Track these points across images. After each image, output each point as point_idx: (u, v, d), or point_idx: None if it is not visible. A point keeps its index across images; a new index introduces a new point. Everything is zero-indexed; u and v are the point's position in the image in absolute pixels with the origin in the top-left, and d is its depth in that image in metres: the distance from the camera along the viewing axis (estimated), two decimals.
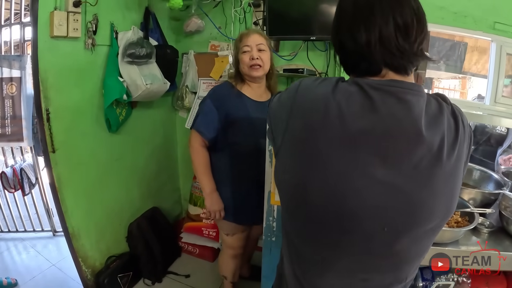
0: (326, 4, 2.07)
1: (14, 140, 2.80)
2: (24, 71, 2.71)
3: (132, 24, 2.28)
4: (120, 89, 2.11)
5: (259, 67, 1.77)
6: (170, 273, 2.59)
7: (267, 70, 1.83)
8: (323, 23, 2.10)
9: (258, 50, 1.78)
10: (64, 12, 1.86)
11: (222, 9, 2.53)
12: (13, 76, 2.73)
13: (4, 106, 2.74)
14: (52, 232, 3.29)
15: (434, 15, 2.06)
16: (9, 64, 2.71)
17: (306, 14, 2.14)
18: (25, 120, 2.76)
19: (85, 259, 2.27)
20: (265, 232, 1.48)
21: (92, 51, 2.07)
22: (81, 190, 2.18)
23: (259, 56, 1.77)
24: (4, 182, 2.95)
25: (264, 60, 1.78)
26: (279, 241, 1.45)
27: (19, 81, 2.73)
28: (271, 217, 1.43)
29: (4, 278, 2.50)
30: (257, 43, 1.78)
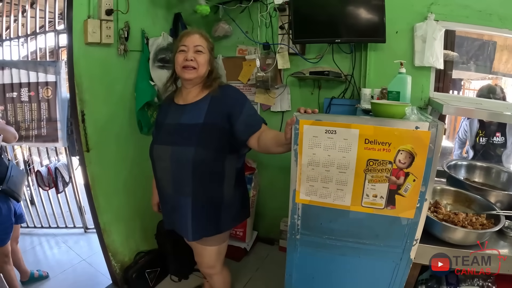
0: (352, 6, 2.08)
1: (49, 141, 2.95)
2: (59, 76, 2.84)
3: (162, 30, 2.35)
4: (152, 93, 2.19)
5: (192, 69, 1.64)
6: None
7: (201, 73, 1.67)
8: (349, 25, 2.11)
9: (195, 51, 1.65)
10: (97, 20, 1.95)
11: (248, 14, 2.58)
12: (48, 80, 2.87)
13: (40, 109, 2.90)
14: (83, 229, 3.41)
15: (458, 14, 2.05)
16: (44, 70, 2.85)
17: (331, 17, 2.15)
18: (60, 122, 2.90)
19: (115, 254, 2.35)
20: (290, 230, 1.50)
21: (125, 56, 2.15)
22: (113, 188, 2.26)
23: (194, 57, 1.64)
24: (39, 180, 3.10)
25: (199, 62, 1.65)
26: (304, 239, 1.49)
27: (54, 85, 2.87)
28: (295, 215, 1.45)
29: (36, 270, 2.62)
30: (195, 44, 1.66)
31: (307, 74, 2.37)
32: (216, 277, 1.92)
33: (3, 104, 2.91)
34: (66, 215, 3.45)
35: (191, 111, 1.67)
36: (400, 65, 1.70)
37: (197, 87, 1.72)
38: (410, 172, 1.24)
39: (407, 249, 1.37)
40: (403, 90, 1.65)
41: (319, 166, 1.32)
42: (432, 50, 2.05)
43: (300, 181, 1.37)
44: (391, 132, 1.22)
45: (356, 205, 1.34)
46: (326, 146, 1.29)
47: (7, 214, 2.17)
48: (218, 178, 1.69)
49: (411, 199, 1.28)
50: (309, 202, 1.39)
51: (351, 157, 1.28)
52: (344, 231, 1.42)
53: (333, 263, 1.52)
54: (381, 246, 1.40)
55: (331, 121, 1.27)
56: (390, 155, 1.24)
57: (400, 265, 1.42)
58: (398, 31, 2.17)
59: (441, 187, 1.80)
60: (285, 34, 2.48)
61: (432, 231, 1.46)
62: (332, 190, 1.34)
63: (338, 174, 1.31)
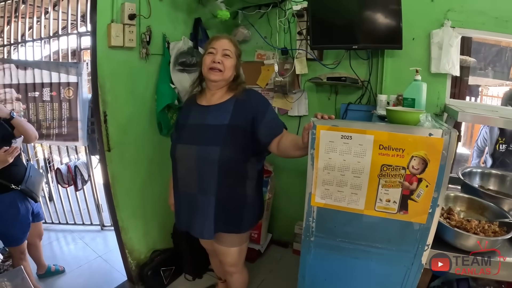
0: (369, 13, 2.11)
1: (70, 139, 3.08)
2: (81, 77, 2.96)
3: (183, 35, 2.43)
4: (172, 95, 2.27)
5: (218, 71, 1.69)
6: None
7: (227, 77, 1.73)
8: (366, 32, 2.14)
9: (223, 55, 1.71)
10: (120, 25, 2.03)
11: (267, 19, 2.64)
12: (70, 81, 2.99)
13: (61, 108, 3.02)
14: (100, 226, 3.52)
15: (475, 21, 2.06)
16: (66, 71, 2.97)
17: (348, 23, 2.18)
18: (80, 122, 3.01)
19: (132, 252, 2.43)
20: (304, 232, 1.55)
21: (146, 60, 2.23)
22: (132, 187, 2.34)
23: (221, 60, 1.69)
24: (58, 178, 3.22)
25: (226, 66, 1.70)
26: (318, 241, 1.53)
27: (76, 86, 2.98)
28: (310, 218, 1.49)
29: (53, 265, 2.72)
30: (224, 47, 1.72)
31: (324, 79, 2.41)
32: (236, 276, 1.98)
33: (25, 103, 3.04)
34: (83, 213, 3.56)
35: (215, 112, 1.72)
36: (415, 72, 1.73)
37: (222, 89, 1.77)
38: (423, 178, 1.28)
39: (419, 254, 1.40)
40: (418, 97, 1.68)
41: (334, 170, 1.37)
42: (448, 57, 2.07)
43: (316, 184, 1.42)
44: (405, 138, 1.26)
45: (370, 209, 1.38)
46: (342, 151, 1.34)
47: (25, 213, 2.25)
48: (241, 179, 1.75)
49: (424, 205, 1.31)
50: (324, 205, 1.44)
51: (366, 162, 1.32)
52: (357, 234, 1.45)
53: (345, 266, 1.55)
54: (393, 251, 1.43)
55: (347, 127, 1.32)
56: (403, 161, 1.28)
57: (411, 270, 1.44)
58: (414, 38, 2.19)
59: (454, 194, 1.82)
60: (303, 39, 2.52)
61: (444, 238, 1.48)
62: (347, 194, 1.39)
63: (352, 178, 1.36)
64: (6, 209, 2.14)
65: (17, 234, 2.24)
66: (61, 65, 3.03)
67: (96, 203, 3.44)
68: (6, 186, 2.11)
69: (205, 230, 1.75)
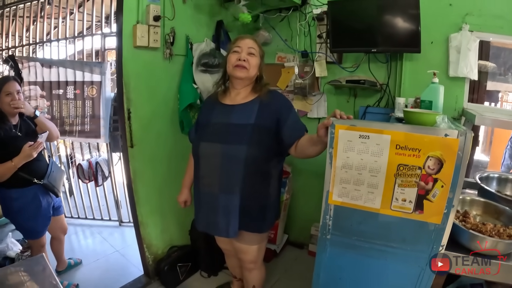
0: (388, 17, 2.15)
1: (92, 136, 3.19)
2: (104, 76, 3.06)
3: (205, 36, 2.52)
4: (195, 95, 2.35)
5: (243, 68, 1.73)
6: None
7: (252, 74, 1.77)
8: (385, 36, 2.19)
9: (248, 53, 1.75)
10: (145, 26, 2.12)
11: (288, 23, 2.70)
12: (94, 80, 3.10)
13: (84, 106, 3.14)
14: (118, 222, 3.62)
15: (493, 24, 2.08)
16: (90, 70, 3.09)
17: (368, 27, 2.22)
18: (103, 120, 3.12)
19: (150, 246, 2.51)
20: (321, 230, 1.59)
21: (170, 60, 2.32)
22: (152, 184, 2.43)
23: (247, 58, 1.74)
24: (79, 173, 3.33)
25: (251, 64, 1.74)
26: (335, 239, 1.58)
27: (99, 85, 3.10)
28: (327, 216, 1.54)
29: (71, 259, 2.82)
30: (249, 46, 1.76)
31: (343, 82, 2.46)
32: (255, 272, 2.04)
33: (50, 100, 3.16)
34: (102, 208, 3.67)
35: (240, 111, 1.77)
36: (433, 75, 1.77)
37: (246, 88, 1.82)
38: (438, 178, 1.31)
39: (433, 255, 1.42)
40: (436, 99, 1.72)
41: (352, 169, 1.42)
42: (466, 61, 2.09)
43: (334, 183, 1.47)
44: (421, 138, 1.30)
45: (386, 208, 1.42)
46: (359, 150, 1.39)
47: (46, 207, 2.31)
48: (265, 179, 1.80)
49: (439, 205, 1.34)
50: (341, 203, 1.49)
51: (383, 162, 1.37)
52: (373, 233, 1.49)
53: (360, 264, 1.59)
54: (407, 250, 1.46)
55: (365, 127, 1.37)
56: (419, 161, 1.32)
57: (425, 271, 1.46)
58: (433, 42, 2.22)
59: (471, 198, 1.84)
60: (323, 43, 2.57)
61: (459, 240, 1.50)
62: (364, 193, 1.43)
63: (369, 177, 1.40)
64: (28, 203, 2.21)
65: (38, 227, 2.30)
66: (86, 64, 3.15)
67: (115, 199, 3.54)
68: (28, 181, 2.17)
69: (230, 229, 1.79)
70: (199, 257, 2.66)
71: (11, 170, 2.06)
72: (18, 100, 2.11)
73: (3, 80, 2.14)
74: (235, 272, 2.32)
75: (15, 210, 2.19)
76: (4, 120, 2.10)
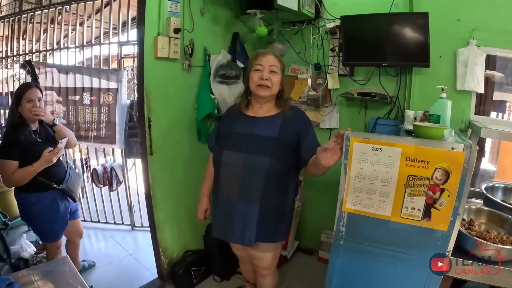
0: (398, 32, 2.27)
1: (107, 142, 3.34)
2: (121, 83, 3.21)
3: (221, 48, 2.66)
4: (213, 105, 2.49)
5: (266, 87, 1.80)
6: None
7: (274, 92, 1.85)
8: (395, 50, 2.30)
9: (270, 71, 1.80)
10: (166, 37, 2.26)
11: (301, 36, 2.84)
12: (110, 87, 3.25)
13: (100, 112, 3.28)
14: (131, 226, 3.75)
15: (499, 39, 2.18)
16: (107, 77, 3.24)
17: (379, 42, 2.34)
18: (118, 126, 3.27)
19: (165, 250, 2.63)
20: (335, 236, 1.72)
21: (189, 71, 2.46)
22: (169, 189, 2.55)
23: (269, 77, 1.79)
24: (94, 178, 3.47)
25: (273, 82, 1.80)
26: (347, 245, 1.71)
27: (115, 92, 3.24)
28: (341, 222, 1.67)
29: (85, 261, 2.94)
30: (270, 63, 1.81)
31: (355, 94, 2.59)
32: (269, 278, 2.14)
33: (66, 106, 3.31)
34: (115, 212, 3.79)
35: (264, 124, 1.86)
36: (441, 91, 1.89)
37: (269, 103, 1.90)
38: (445, 188, 1.44)
39: None
40: (443, 113, 1.84)
41: (365, 179, 1.56)
42: (473, 75, 2.20)
43: (348, 191, 1.61)
44: (429, 151, 1.44)
45: (396, 215, 1.55)
46: (372, 162, 1.53)
47: (64, 212, 2.38)
48: (284, 190, 1.88)
49: (446, 213, 1.47)
50: (354, 211, 1.62)
51: (394, 172, 1.50)
52: (384, 239, 1.62)
53: (371, 269, 1.71)
54: (416, 256, 1.58)
55: (378, 140, 1.51)
56: (428, 172, 1.45)
57: (433, 276, 1.58)
58: (441, 56, 2.33)
59: (476, 207, 1.96)
60: (335, 56, 2.70)
61: (465, 247, 1.62)
62: (375, 201, 1.57)
63: (381, 187, 1.54)
64: (46, 207, 2.28)
65: (55, 230, 2.38)
66: (102, 71, 3.29)
67: (128, 204, 3.67)
68: (47, 185, 2.25)
69: (245, 237, 1.86)
70: (213, 261, 2.77)
71: (31, 175, 2.14)
72: (39, 107, 2.21)
73: (25, 87, 2.23)
74: (248, 277, 2.42)
75: (34, 213, 2.27)
76: (25, 126, 2.19)
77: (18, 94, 2.19)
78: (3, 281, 1.35)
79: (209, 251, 2.80)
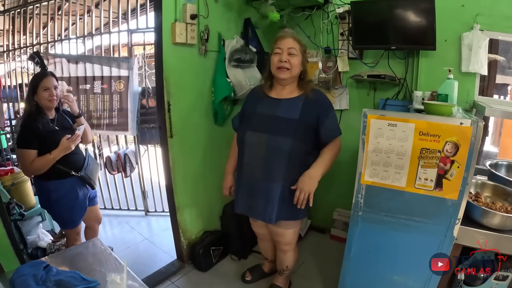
0: (406, 17, 2.38)
1: (120, 129, 3.47)
2: (132, 71, 3.31)
3: (234, 33, 2.78)
4: (229, 88, 2.61)
5: (286, 70, 1.89)
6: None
7: (294, 74, 1.93)
8: (403, 34, 2.42)
9: (289, 54, 1.89)
10: (183, 24, 2.36)
11: (311, 21, 2.95)
12: (121, 75, 3.35)
13: (112, 100, 3.40)
14: (144, 212, 3.90)
15: (502, 25, 2.30)
16: (118, 65, 3.34)
17: (387, 26, 2.45)
18: (131, 113, 3.38)
19: (185, 231, 2.78)
20: (353, 208, 1.90)
21: (205, 56, 2.58)
22: (188, 171, 2.68)
23: (288, 59, 1.88)
24: (107, 165, 3.59)
25: (292, 64, 1.89)
26: (365, 216, 1.90)
27: (127, 79, 3.35)
28: (359, 194, 1.85)
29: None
30: (289, 46, 1.89)
31: (365, 76, 2.72)
32: (289, 253, 2.29)
33: (76, 95, 3.39)
34: (129, 199, 3.93)
35: (286, 106, 1.95)
36: (448, 72, 2.02)
37: (291, 85, 1.99)
38: (455, 160, 1.62)
39: (451, 227, 1.72)
40: (451, 93, 1.98)
41: (381, 153, 1.73)
42: (477, 58, 2.33)
43: (365, 165, 1.79)
44: (440, 126, 1.61)
45: (410, 186, 1.73)
46: (388, 137, 1.71)
47: (83, 199, 2.42)
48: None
49: (456, 183, 1.65)
50: (372, 183, 1.81)
51: (408, 146, 1.68)
52: (399, 209, 1.80)
53: (387, 238, 1.89)
54: (429, 224, 1.76)
55: (393, 116, 1.69)
56: (439, 145, 1.63)
57: (444, 242, 1.76)
58: (447, 40, 2.45)
59: (482, 181, 2.13)
60: (345, 40, 2.83)
61: (473, 217, 1.79)
62: (391, 173, 1.75)
63: (396, 160, 1.72)
64: (66, 194, 2.32)
65: (74, 217, 2.43)
66: (113, 59, 3.40)
67: (142, 190, 3.81)
68: (66, 173, 2.28)
69: (267, 215, 2.00)
70: (230, 241, 2.92)
71: (50, 163, 2.17)
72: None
73: (41, 75, 2.25)
74: (266, 254, 2.59)
75: (53, 201, 2.31)
76: (42, 115, 2.22)
77: (34, 83, 2.22)
78: (39, 264, 1.40)
79: (226, 231, 2.94)
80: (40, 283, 1.29)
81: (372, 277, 2.03)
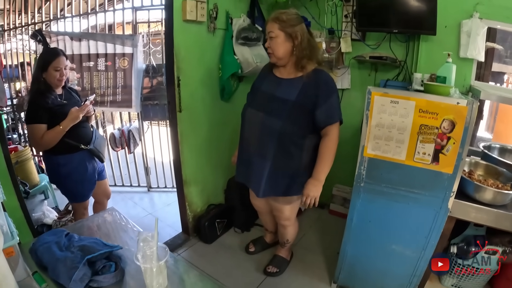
0: (409, 1, 2.50)
1: (124, 106, 3.59)
2: (136, 48, 3.42)
3: (241, 12, 2.90)
4: (237, 65, 2.74)
5: (271, 54, 1.98)
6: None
7: (280, 55, 1.95)
8: (405, 19, 2.55)
9: (269, 37, 1.94)
10: (194, 1, 2.45)
11: (316, 2, 3.07)
12: (125, 52, 3.46)
13: (116, 77, 3.50)
14: (147, 188, 4.06)
15: (500, 14, 2.42)
16: (122, 42, 3.44)
17: (390, 10, 2.58)
18: (135, 90, 3.50)
19: (191, 204, 2.94)
20: (356, 179, 2.08)
21: (213, 33, 2.70)
22: (195, 146, 2.83)
23: (269, 44, 1.95)
24: (111, 142, 3.71)
25: (273, 48, 1.94)
26: (367, 187, 2.08)
27: (131, 56, 3.46)
28: (362, 166, 2.03)
29: None
30: (268, 30, 1.94)
31: (367, 58, 2.88)
32: (289, 228, 2.48)
33: (80, 72, 3.51)
34: (131, 175, 4.08)
35: (285, 86, 2.02)
36: (447, 56, 2.16)
37: (288, 66, 2.04)
38: (451, 137, 1.79)
39: (446, 199, 1.90)
40: (449, 75, 2.11)
41: (384, 128, 1.91)
42: (475, 44, 2.46)
43: (368, 139, 1.96)
44: (438, 105, 1.78)
45: (409, 160, 1.91)
46: (390, 113, 1.88)
47: (92, 172, 2.50)
48: (297, 151, 2.05)
49: (451, 158, 1.82)
50: (374, 156, 1.99)
51: (408, 122, 1.86)
52: (398, 180, 1.98)
53: (387, 208, 2.07)
54: (426, 196, 1.94)
55: (395, 94, 1.86)
56: (437, 122, 1.80)
57: (439, 213, 1.94)
58: (447, 26, 2.58)
59: (475, 161, 2.30)
60: (348, 22, 2.97)
61: (466, 191, 1.96)
62: (392, 147, 1.93)
63: (397, 134, 1.90)
64: (75, 168, 2.38)
65: (84, 191, 2.51)
66: (117, 37, 3.48)
67: (144, 166, 3.96)
68: (75, 147, 2.35)
69: (256, 188, 2.19)
70: (233, 214, 3.09)
71: (60, 134, 2.22)
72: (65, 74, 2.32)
73: (53, 54, 2.27)
74: (267, 226, 2.77)
75: (62, 175, 2.39)
76: (50, 91, 2.27)
77: (45, 60, 2.25)
78: (60, 232, 1.47)
79: (230, 204, 3.11)
80: (64, 249, 1.34)
81: (371, 246, 2.23)
